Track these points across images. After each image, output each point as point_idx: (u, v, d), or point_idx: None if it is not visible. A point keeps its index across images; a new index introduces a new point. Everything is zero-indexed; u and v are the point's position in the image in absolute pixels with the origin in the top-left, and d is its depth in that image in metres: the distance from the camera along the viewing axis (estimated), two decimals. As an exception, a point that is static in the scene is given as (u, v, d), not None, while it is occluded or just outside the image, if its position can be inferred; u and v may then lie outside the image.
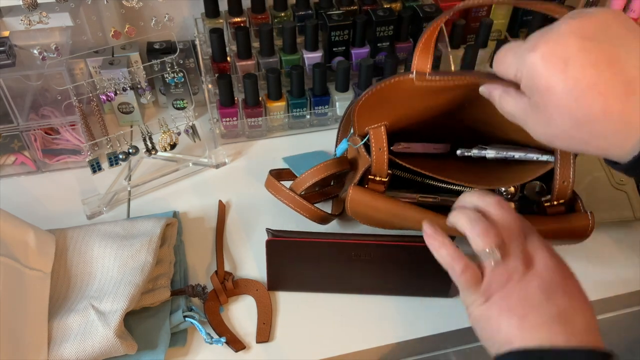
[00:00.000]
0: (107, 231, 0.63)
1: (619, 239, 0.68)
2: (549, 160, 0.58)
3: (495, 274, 0.44)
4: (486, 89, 0.47)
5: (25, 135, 0.73)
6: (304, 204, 0.64)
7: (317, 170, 0.63)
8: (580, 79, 0.37)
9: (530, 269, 0.44)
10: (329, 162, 0.63)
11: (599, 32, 0.37)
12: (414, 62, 0.53)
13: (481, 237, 0.44)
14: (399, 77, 0.54)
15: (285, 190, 0.64)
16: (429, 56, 0.52)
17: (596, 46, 0.37)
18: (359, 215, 0.61)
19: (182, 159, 0.79)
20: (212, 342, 0.56)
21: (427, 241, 0.48)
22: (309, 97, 0.81)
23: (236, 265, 0.65)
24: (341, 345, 0.58)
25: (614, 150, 0.39)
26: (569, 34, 0.37)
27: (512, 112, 0.44)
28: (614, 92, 0.36)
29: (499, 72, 0.44)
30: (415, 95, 0.55)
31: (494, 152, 0.60)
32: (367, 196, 0.58)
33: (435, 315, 0.60)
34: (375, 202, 0.58)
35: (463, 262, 0.45)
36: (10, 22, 0.71)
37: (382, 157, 0.58)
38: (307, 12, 0.83)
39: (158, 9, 0.84)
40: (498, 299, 0.44)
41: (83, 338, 0.52)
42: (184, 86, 0.83)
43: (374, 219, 0.61)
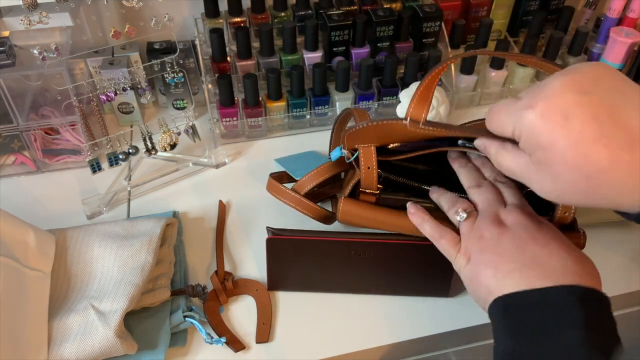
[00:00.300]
0: (107, 231, 0.63)
1: (619, 239, 0.68)
2: None
3: (469, 235, 0.50)
4: (481, 143, 0.47)
5: (25, 135, 0.73)
6: (309, 205, 0.64)
7: (319, 172, 0.63)
8: (582, 132, 0.36)
9: (502, 227, 0.48)
10: (330, 164, 0.63)
11: (593, 86, 0.37)
12: (410, 108, 0.52)
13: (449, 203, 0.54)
14: (392, 122, 0.54)
15: (289, 192, 0.64)
16: (425, 105, 0.52)
17: (593, 99, 0.37)
18: (351, 224, 0.61)
19: (182, 159, 0.79)
20: (212, 342, 0.56)
21: (412, 219, 0.55)
22: (309, 97, 0.81)
23: (236, 265, 0.65)
24: (341, 345, 0.58)
25: (624, 201, 0.38)
26: (564, 90, 0.38)
27: (511, 168, 0.43)
28: (618, 143, 0.36)
29: (494, 129, 0.43)
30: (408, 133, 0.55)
31: None
32: (358, 208, 0.59)
33: (435, 315, 0.60)
34: (367, 213, 0.59)
35: (441, 230, 0.52)
36: (10, 22, 0.71)
37: (372, 175, 0.58)
38: (307, 12, 0.83)
39: (158, 9, 0.84)
40: (476, 256, 0.48)
41: (83, 338, 0.52)
42: (184, 86, 0.83)
43: (367, 226, 0.61)
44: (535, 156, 0.40)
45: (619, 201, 0.39)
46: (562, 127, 0.37)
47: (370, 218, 0.59)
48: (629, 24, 0.85)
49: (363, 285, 0.62)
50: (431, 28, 0.83)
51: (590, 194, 0.39)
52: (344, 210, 0.59)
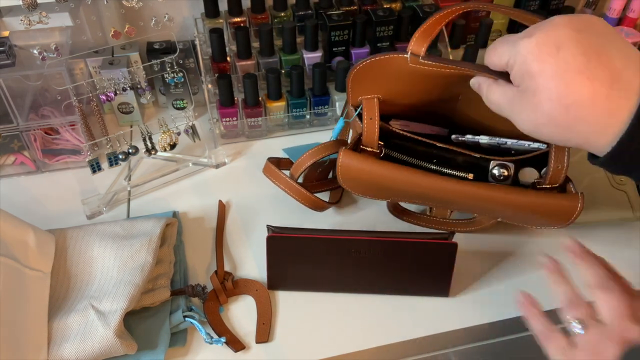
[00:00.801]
0: (107, 231, 0.63)
1: (619, 239, 0.68)
2: (540, 147, 0.58)
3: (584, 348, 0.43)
4: (476, 81, 0.50)
5: (25, 135, 0.73)
6: (300, 190, 0.64)
7: (315, 151, 0.63)
8: (570, 63, 0.39)
9: None
10: (327, 144, 0.64)
11: (588, 27, 0.41)
12: (411, 43, 0.54)
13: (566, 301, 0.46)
14: (393, 55, 0.55)
15: (282, 176, 0.65)
16: (427, 40, 0.54)
17: (586, 38, 0.40)
18: (351, 183, 0.60)
19: (182, 159, 0.79)
20: (212, 342, 0.56)
21: (522, 309, 0.49)
22: (308, 97, 0.81)
23: (236, 265, 0.65)
24: (341, 345, 0.58)
25: (595, 139, 0.40)
26: (562, 25, 0.41)
27: (498, 102, 0.46)
28: (600, 79, 0.39)
29: (491, 60, 0.46)
30: (410, 76, 0.56)
31: (487, 138, 0.61)
32: (358, 159, 0.58)
33: (435, 315, 0.60)
34: (368, 165, 0.58)
35: (551, 332, 0.46)
36: (10, 22, 0.71)
37: (373, 127, 0.59)
38: (307, 12, 0.83)
39: (158, 9, 0.84)
40: None
41: (83, 338, 0.52)
42: (184, 86, 0.83)
43: (367, 186, 0.60)
44: (522, 85, 0.43)
45: (591, 140, 0.41)
46: (553, 55, 0.40)
47: (373, 172, 0.58)
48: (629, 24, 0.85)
49: (363, 285, 0.62)
50: (431, 28, 0.83)
51: (565, 127, 0.41)
52: (343, 163, 0.58)
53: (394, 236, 0.58)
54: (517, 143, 0.59)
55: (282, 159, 0.72)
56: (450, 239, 0.58)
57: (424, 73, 0.55)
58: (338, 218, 0.71)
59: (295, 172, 0.65)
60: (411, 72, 0.55)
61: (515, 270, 0.65)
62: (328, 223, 0.70)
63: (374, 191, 0.62)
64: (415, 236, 0.58)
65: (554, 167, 0.57)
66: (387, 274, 0.60)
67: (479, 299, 0.62)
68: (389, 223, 0.70)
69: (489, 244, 0.67)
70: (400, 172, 0.57)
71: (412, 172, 0.57)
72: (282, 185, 0.66)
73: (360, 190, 0.62)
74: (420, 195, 0.60)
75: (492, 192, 0.57)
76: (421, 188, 0.58)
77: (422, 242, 0.58)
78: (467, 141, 0.62)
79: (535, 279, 0.64)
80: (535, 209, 0.57)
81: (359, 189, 0.62)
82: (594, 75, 0.39)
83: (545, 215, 0.58)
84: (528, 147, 0.59)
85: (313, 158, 0.63)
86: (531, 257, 0.66)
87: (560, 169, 0.57)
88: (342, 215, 0.71)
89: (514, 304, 0.61)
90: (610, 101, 0.39)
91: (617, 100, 0.39)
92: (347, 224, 0.70)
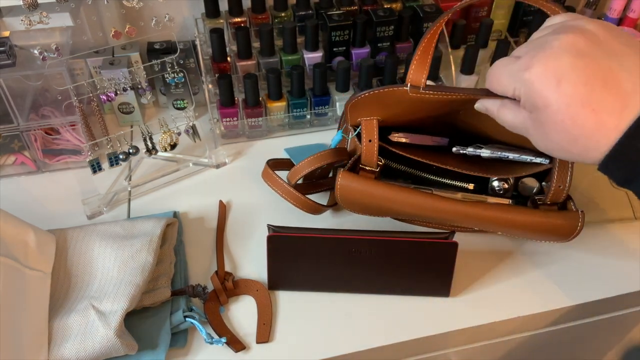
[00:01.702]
0: (108, 231, 0.63)
1: (619, 239, 0.68)
2: (543, 162, 0.58)
3: None
4: (482, 105, 0.48)
5: (26, 135, 0.73)
6: (296, 195, 0.65)
7: (313, 159, 0.63)
8: (572, 96, 0.37)
9: None
10: (325, 152, 0.63)
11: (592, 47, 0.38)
12: (410, 73, 0.53)
13: None
14: (393, 88, 0.54)
15: (279, 181, 0.65)
16: (425, 68, 0.52)
17: (589, 63, 0.37)
18: (349, 204, 0.60)
19: (183, 159, 0.79)
20: (213, 342, 0.56)
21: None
22: (309, 97, 0.81)
23: (236, 266, 0.65)
24: (341, 345, 0.58)
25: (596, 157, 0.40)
26: (562, 52, 0.38)
27: (512, 124, 0.45)
28: (608, 109, 0.37)
29: (496, 91, 0.44)
30: (410, 102, 0.55)
31: (489, 152, 0.60)
32: (356, 181, 0.58)
33: (435, 315, 0.60)
34: (366, 187, 0.58)
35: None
36: (11, 22, 0.71)
37: (372, 149, 0.58)
38: (308, 12, 0.83)
39: (158, 9, 0.84)
40: None
41: (83, 338, 0.52)
42: (184, 86, 0.83)
43: (366, 207, 0.60)
44: (533, 114, 0.41)
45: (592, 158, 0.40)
46: (555, 91, 0.38)
47: (371, 194, 0.58)
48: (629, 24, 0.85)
49: (363, 285, 0.62)
50: (431, 28, 0.83)
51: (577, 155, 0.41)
52: (342, 185, 0.58)
53: (394, 236, 0.58)
54: (520, 157, 0.59)
55: (282, 160, 0.72)
56: (450, 239, 0.58)
57: (425, 99, 0.54)
58: (338, 218, 0.71)
59: (292, 178, 0.65)
60: (412, 99, 0.55)
61: (515, 270, 0.65)
62: (328, 223, 0.70)
63: (373, 211, 0.62)
64: (415, 236, 0.58)
65: (555, 186, 0.57)
66: (387, 274, 0.60)
67: (479, 299, 0.62)
68: (389, 223, 0.70)
69: (489, 244, 0.67)
70: (399, 193, 0.58)
71: (411, 194, 0.58)
72: (278, 190, 0.66)
73: (359, 210, 0.62)
74: (420, 215, 0.60)
75: (491, 213, 0.57)
76: (420, 209, 0.58)
77: (422, 242, 0.58)
78: (468, 154, 0.62)
79: (535, 279, 0.64)
80: (535, 228, 0.57)
81: (358, 209, 0.62)
82: (600, 107, 0.37)
83: (545, 233, 0.58)
84: (530, 162, 0.59)
85: (311, 166, 0.63)
86: (531, 257, 0.66)
87: (562, 189, 0.57)
88: (342, 215, 0.71)
89: (514, 304, 0.61)
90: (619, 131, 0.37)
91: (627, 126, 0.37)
92: (347, 224, 0.70)
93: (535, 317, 0.62)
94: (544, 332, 0.66)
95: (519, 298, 0.62)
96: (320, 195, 0.73)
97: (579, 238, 0.58)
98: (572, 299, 0.62)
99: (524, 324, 0.63)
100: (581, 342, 0.78)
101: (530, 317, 0.61)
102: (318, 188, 0.72)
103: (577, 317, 0.66)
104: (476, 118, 0.55)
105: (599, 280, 0.63)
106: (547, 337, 0.68)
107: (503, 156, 0.60)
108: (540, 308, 0.61)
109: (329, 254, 0.59)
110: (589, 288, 0.63)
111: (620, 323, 0.74)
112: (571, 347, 0.78)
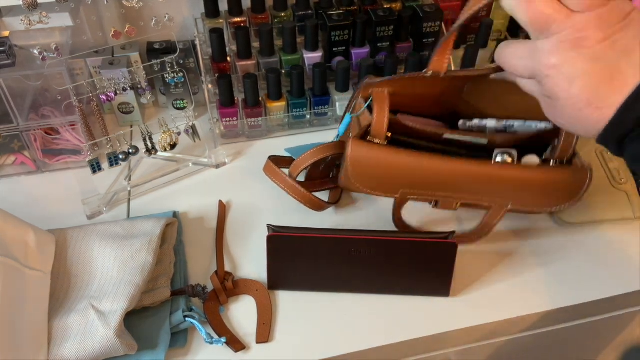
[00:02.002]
0: (107, 231, 0.63)
1: (619, 239, 0.68)
2: (547, 127, 0.59)
3: None
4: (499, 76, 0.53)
5: (25, 135, 0.73)
6: (299, 189, 0.65)
7: (316, 151, 0.64)
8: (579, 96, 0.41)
9: None
10: (328, 145, 0.64)
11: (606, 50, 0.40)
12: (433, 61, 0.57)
13: None
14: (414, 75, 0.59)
15: (282, 176, 0.66)
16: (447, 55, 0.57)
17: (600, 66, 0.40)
18: (360, 176, 0.60)
19: (182, 159, 0.79)
20: (212, 342, 0.56)
21: None
22: (309, 97, 0.81)
23: (236, 266, 0.65)
24: (341, 345, 0.58)
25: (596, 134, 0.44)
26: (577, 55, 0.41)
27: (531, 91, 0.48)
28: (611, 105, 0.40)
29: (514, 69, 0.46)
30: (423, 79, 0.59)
31: (494, 122, 0.62)
32: (368, 146, 0.59)
33: (435, 315, 0.60)
34: (378, 152, 0.59)
35: None
36: (10, 22, 0.71)
37: (383, 118, 0.59)
38: (307, 12, 0.83)
39: (158, 9, 0.84)
40: None
41: (83, 338, 0.52)
42: (184, 86, 0.83)
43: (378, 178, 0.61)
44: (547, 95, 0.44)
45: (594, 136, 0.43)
46: (565, 90, 0.42)
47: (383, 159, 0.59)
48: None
49: (363, 285, 0.62)
50: (431, 28, 0.83)
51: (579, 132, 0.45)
52: (354, 154, 0.59)
53: (394, 236, 0.58)
54: (524, 125, 0.60)
55: (283, 157, 0.72)
56: (451, 239, 0.58)
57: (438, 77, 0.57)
58: (338, 218, 0.71)
59: (294, 171, 0.65)
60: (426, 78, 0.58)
61: (515, 270, 0.65)
62: (328, 223, 0.70)
63: (384, 183, 0.62)
64: (415, 236, 0.58)
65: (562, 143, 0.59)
66: (387, 274, 0.60)
67: (479, 299, 0.62)
68: (389, 223, 0.70)
69: (489, 244, 0.67)
70: (411, 156, 0.59)
71: (423, 155, 0.59)
72: (281, 184, 0.66)
73: (369, 184, 0.62)
74: (431, 182, 0.60)
75: (503, 171, 0.59)
76: (432, 172, 0.59)
77: (422, 242, 0.58)
78: (473, 127, 0.63)
79: (535, 278, 0.64)
80: (545, 185, 0.59)
81: (368, 182, 0.62)
82: (604, 104, 0.40)
83: (555, 192, 0.60)
84: (535, 128, 0.60)
85: (313, 158, 0.64)
86: (531, 257, 0.66)
87: (569, 144, 0.59)
88: (342, 215, 0.71)
89: (514, 304, 0.61)
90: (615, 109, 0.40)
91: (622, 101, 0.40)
92: (347, 224, 0.70)
93: (535, 317, 0.61)
94: (544, 332, 0.66)
95: (519, 298, 0.62)
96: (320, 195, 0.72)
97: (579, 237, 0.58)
98: (572, 299, 0.62)
99: (524, 324, 0.63)
100: (581, 342, 0.78)
101: (530, 317, 0.61)
102: (319, 187, 0.72)
103: (577, 317, 0.66)
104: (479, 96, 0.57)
105: (598, 280, 0.63)
106: (547, 337, 0.68)
107: (509, 125, 0.61)
108: (540, 308, 0.61)
109: (328, 254, 0.59)
110: (589, 288, 0.63)
111: (621, 323, 0.74)
112: (571, 346, 0.78)
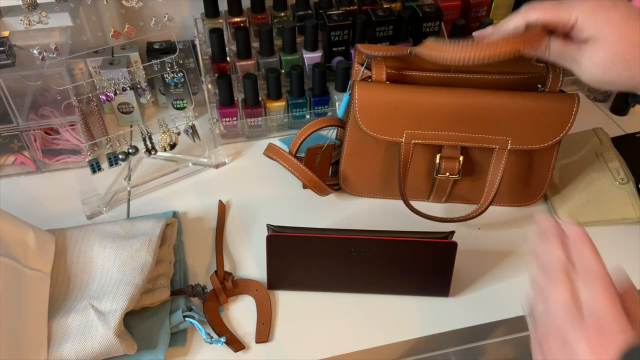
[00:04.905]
0: (107, 231, 0.63)
1: (619, 239, 0.68)
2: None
3: None
4: None
5: (25, 135, 0.73)
6: (302, 168, 0.66)
7: (311, 125, 0.66)
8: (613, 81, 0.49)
9: None
10: (324, 118, 0.67)
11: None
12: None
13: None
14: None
15: (285, 154, 0.67)
16: None
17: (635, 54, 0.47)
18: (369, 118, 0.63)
19: (182, 159, 0.79)
20: (212, 342, 0.56)
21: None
22: (308, 97, 0.81)
23: (236, 265, 0.65)
24: (340, 345, 0.58)
25: None
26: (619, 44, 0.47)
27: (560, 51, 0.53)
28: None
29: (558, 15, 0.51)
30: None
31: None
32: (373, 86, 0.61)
33: (435, 315, 0.60)
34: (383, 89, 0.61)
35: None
36: (10, 22, 0.71)
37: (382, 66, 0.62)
38: (307, 12, 0.83)
39: (158, 9, 0.84)
40: None
41: (83, 338, 0.52)
42: (184, 86, 0.83)
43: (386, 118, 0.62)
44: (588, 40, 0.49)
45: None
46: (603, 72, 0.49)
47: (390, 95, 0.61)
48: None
49: (363, 285, 0.62)
50: (431, 28, 0.83)
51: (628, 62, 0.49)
52: (361, 94, 0.62)
53: (394, 235, 0.58)
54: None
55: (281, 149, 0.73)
56: (450, 238, 0.58)
57: None
58: (338, 218, 0.71)
59: (292, 148, 0.67)
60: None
61: (515, 270, 0.65)
62: (328, 223, 0.70)
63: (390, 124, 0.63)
64: (415, 235, 0.58)
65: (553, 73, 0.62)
66: (386, 274, 0.60)
67: (479, 299, 0.62)
68: (389, 223, 0.70)
69: (489, 244, 0.67)
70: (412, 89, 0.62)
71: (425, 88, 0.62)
72: (284, 162, 0.67)
73: (376, 127, 0.64)
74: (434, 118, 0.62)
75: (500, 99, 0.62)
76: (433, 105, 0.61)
77: (422, 242, 0.58)
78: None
79: (535, 278, 0.64)
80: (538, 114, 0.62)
81: (376, 124, 0.63)
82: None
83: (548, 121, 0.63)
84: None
85: (310, 130, 0.66)
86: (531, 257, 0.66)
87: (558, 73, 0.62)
88: (342, 215, 0.71)
89: (514, 304, 0.61)
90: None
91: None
92: (347, 223, 0.70)
93: (535, 316, 0.61)
94: (544, 332, 0.66)
95: (519, 298, 0.62)
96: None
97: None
98: (572, 299, 0.62)
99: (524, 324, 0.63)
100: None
101: (530, 316, 0.61)
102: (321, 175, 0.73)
103: (577, 316, 0.66)
104: None
105: (598, 280, 0.63)
106: (547, 336, 0.68)
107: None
108: (540, 308, 0.61)
109: (328, 254, 0.59)
110: (589, 288, 0.63)
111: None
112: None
